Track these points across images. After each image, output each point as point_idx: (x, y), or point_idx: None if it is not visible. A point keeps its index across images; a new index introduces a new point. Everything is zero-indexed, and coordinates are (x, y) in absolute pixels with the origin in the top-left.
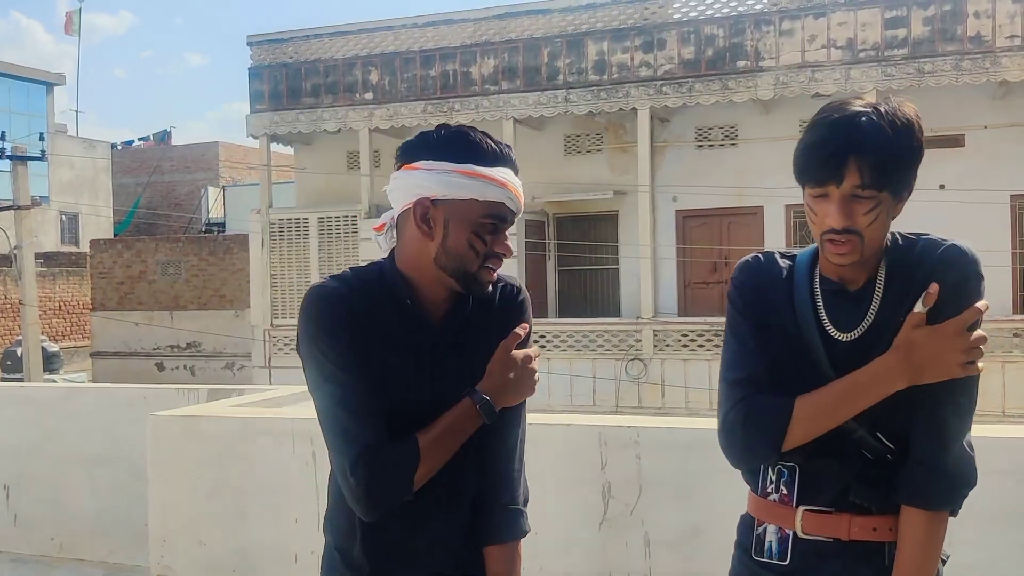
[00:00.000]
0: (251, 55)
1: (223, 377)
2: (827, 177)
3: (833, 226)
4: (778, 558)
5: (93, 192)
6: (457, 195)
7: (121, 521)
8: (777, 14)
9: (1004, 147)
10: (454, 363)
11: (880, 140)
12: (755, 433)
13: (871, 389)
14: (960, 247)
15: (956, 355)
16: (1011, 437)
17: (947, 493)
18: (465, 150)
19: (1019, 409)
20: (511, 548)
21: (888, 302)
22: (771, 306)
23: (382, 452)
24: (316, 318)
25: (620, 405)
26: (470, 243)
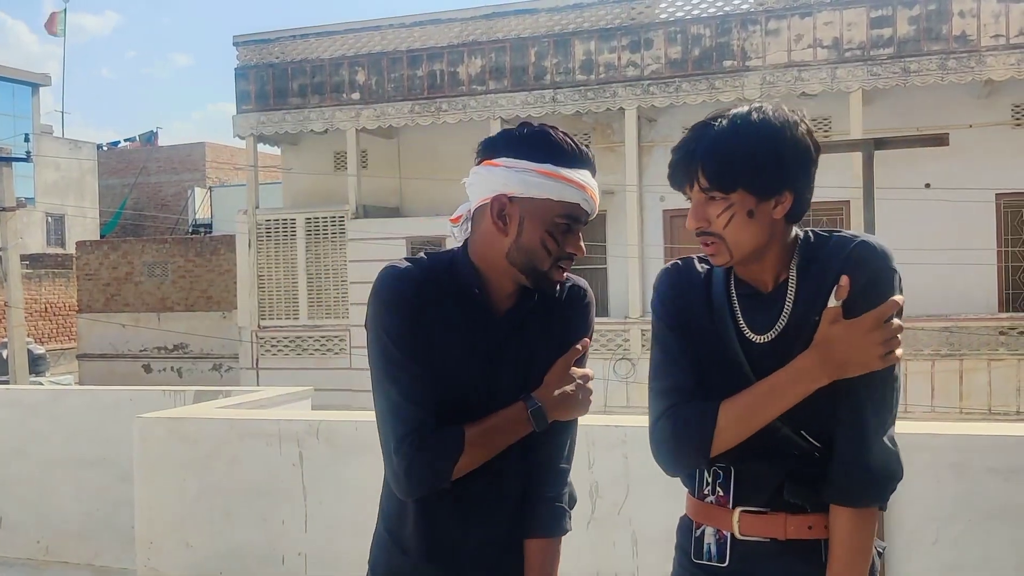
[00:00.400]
0: (237, 55)
1: (210, 379)
2: (678, 183)
3: (688, 228)
4: (717, 560)
5: (79, 193)
6: (535, 194)
7: (108, 524)
8: (763, 14)
9: (989, 146)
10: (512, 356)
11: (720, 145)
12: (683, 442)
13: (793, 388)
14: (870, 243)
15: (875, 347)
16: (999, 435)
17: (872, 489)
18: (546, 150)
19: (1005, 407)
20: (551, 543)
21: (801, 301)
22: (691, 312)
23: (428, 436)
24: (383, 296)
25: (608, 405)
26: (543, 242)
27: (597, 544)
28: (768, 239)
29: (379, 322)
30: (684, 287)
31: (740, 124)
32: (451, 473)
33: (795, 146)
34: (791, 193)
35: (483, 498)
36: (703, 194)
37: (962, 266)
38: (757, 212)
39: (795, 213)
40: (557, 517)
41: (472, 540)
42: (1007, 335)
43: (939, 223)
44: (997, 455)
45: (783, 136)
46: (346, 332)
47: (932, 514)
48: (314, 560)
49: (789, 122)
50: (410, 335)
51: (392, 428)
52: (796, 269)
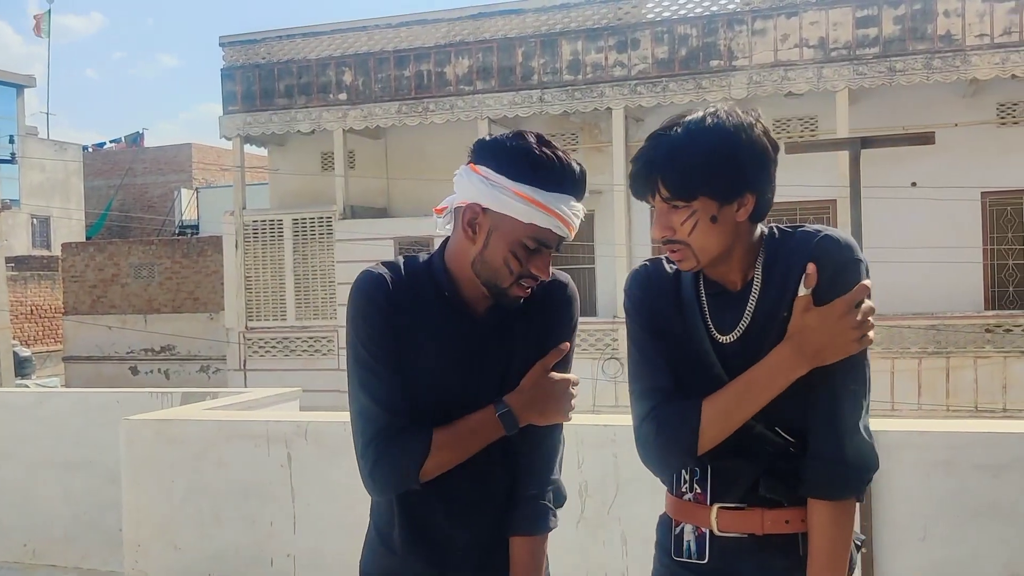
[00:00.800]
0: (223, 56)
1: (198, 380)
2: (640, 193)
3: (653, 237)
4: (697, 557)
5: (65, 195)
6: (506, 211)
7: (95, 526)
8: (750, 14)
9: (975, 144)
10: (491, 357)
11: (677, 154)
12: (669, 442)
13: (771, 381)
14: (833, 236)
15: (850, 331)
16: (986, 432)
17: (848, 482)
18: (528, 169)
19: (991, 404)
20: (535, 541)
21: (768, 297)
22: (661, 313)
23: (394, 438)
24: (356, 302)
25: (597, 404)
26: (506, 260)
27: (586, 543)
28: (733, 240)
29: (353, 328)
30: (654, 289)
31: (695, 131)
32: (417, 474)
33: (751, 148)
34: (752, 194)
35: (468, 497)
36: (665, 204)
37: (948, 264)
38: (720, 216)
39: (758, 213)
40: (540, 515)
41: (458, 539)
42: (993, 332)
43: (925, 221)
44: (984, 452)
45: (738, 139)
46: (334, 333)
47: (920, 511)
48: (303, 561)
49: (743, 124)
50: (381, 340)
51: (361, 430)
52: (762, 267)
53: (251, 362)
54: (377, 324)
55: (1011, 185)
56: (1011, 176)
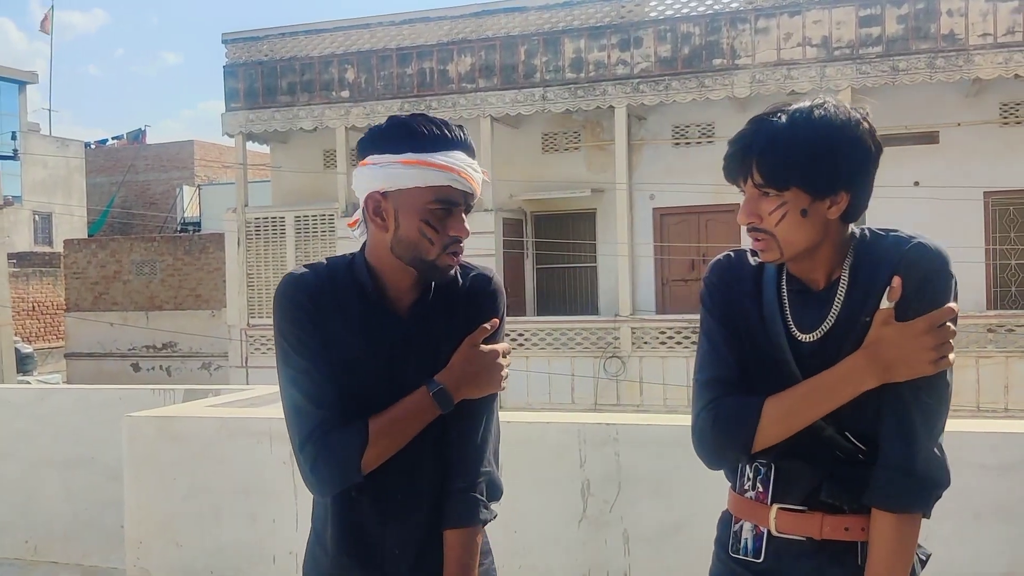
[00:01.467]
0: (226, 53)
1: (199, 377)
2: (732, 176)
3: (739, 222)
4: (752, 555)
5: (67, 192)
6: (402, 185)
7: (96, 523)
8: (753, 12)
9: (977, 144)
10: (417, 352)
11: (777, 141)
12: (725, 435)
13: (839, 389)
14: (926, 244)
15: (926, 352)
16: (989, 431)
17: (916, 496)
18: (405, 139)
19: (993, 404)
20: (466, 534)
21: (852, 300)
22: (739, 306)
23: (330, 432)
24: (280, 304)
25: (599, 403)
26: (421, 231)
27: (588, 542)
28: (821, 238)
29: (278, 328)
30: (734, 280)
31: (799, 121)
32: (358, 466)
33: (854, 146)
34: (847, 194)
35: (398, 494)
36: (756, 189)
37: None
38: (811, 211)
39: (851, 213)
40: (470, 507)
41: (390, 536)
42: (995, 332)
43: (928, 221)
44: (987, 452)
45: (842, 135)
46: None
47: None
48: None
49: (850, 121)
50: (308, 339)
51: (296, 429)
52: (848, 268)
53: (253, 359)
54: (302, 322)
55: (1014, 185)
56: (1014, 176)
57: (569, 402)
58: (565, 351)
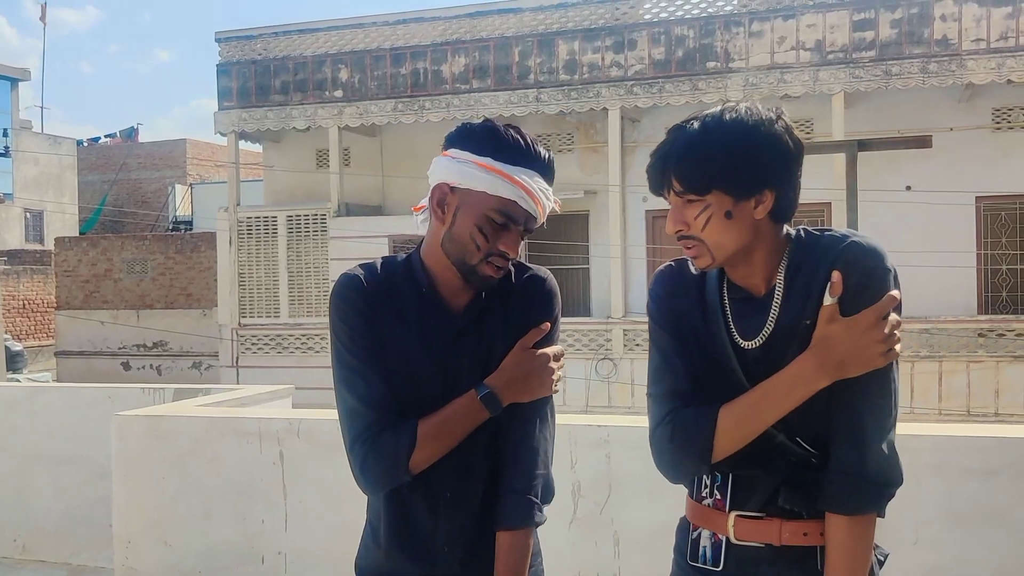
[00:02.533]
0: (219, 51)
1: (190, 377)
2: (655, 187)
3: (667, 232)
4: (712, 564)
5: (59, 189)
6: (471, 185)
7: (85, 522)
8: (747, 15)
9: (970, 149)
10: (469, 352)
11: (691, 147)
12: (682, 448)
13: (791, 392)
14: (861, 242)
15: (876, 344)
16: (977, 436)
17: (869, 497)
18: (491, 144)
19: (984, 408)
20: (520, 535)
21: (792, 303)
22: (685, 315)
23: (380, 434)
24: (335, 305)
25: (590, 405)
26: (472, 235)
27: (579, 543)
28: (752, 239)
29: (333, 330)
30: (678, 289)
31: (711, 125)
32: (406, 467)
33: (770, 143)
34: (771, 192)
35: (452, 492)
36: (679, 197)
37: (942, 268)
38: (735, 212)
39: (780, 212)
40: (524, 509)
41: (441, 533)
42: (986, 337)
43: (920, 225)
44: (976, 456)
45: (756, 134)
46: (327, 330)
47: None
48: (294, 559)
49: (763, 119)
50: (362, 340)
51: (348, 429)
52: (784, 271)
53: (244, 359)
54: (356, 324)
55: (1006, 190)
56: (1006, 181)
57: (560, 404)
58: None
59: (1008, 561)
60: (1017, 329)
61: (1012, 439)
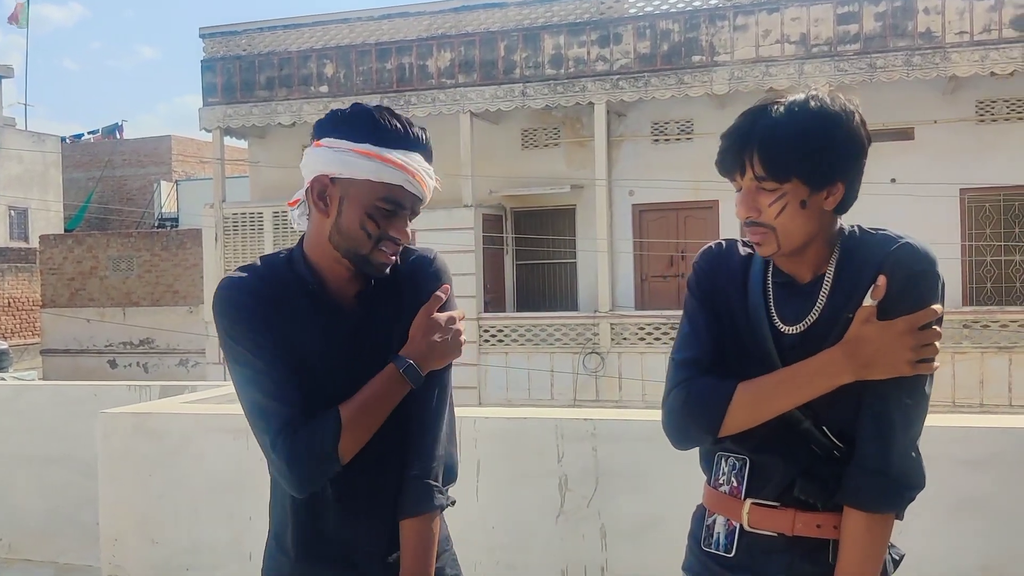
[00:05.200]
0: (204, 47)
1: (177, 374)
2: (728, 169)
3: (738, 217)
4: (724, 550)
5: (43, 187)
6: (354, 174)
7: (71, 520)
8: (731, 9)
9: (954, 141)
10: (369, 341)
11: (777, 132)
12: (693, 415)
13: (813, 381)
14: (914, 244)
15: (905, 352)
16: (963, 426)
17: (890, 496)
18: (367, 129)
19: (969, 400)
20: (421, 522)
21: (837, 296)
22: (725, 294)
23: (302, 428)
24: (223, 310)
25: (578, 398)
26: (362, 224)
27: (566, 537)
28: (817, 231)
29: (226, 334)
30: (722, 268)
31: (797, 112)
32: (336, 455)
33: (850, 136)
34: (843, 184)
35: (364, 490)
36: (755, 182)
37: None
38: (810, 203)
39: (844, 204)
40: (423, 494)
41: (361, 534)
42: (971, 328)
43: (904, 218)
44: (962, 447)
45: (840, 125)
46: None
47: None
48: None
49: (846, 111)
50: (258, 337)
51: (264, 430)
52: (835, 264)
53: None
54: (250, 323)
55: (989, 182)
56: (989, 173)
57: (548, 398)
58: (544, 347)
59: (994, 551)
60: (1002, 320)
61: (997, 429)
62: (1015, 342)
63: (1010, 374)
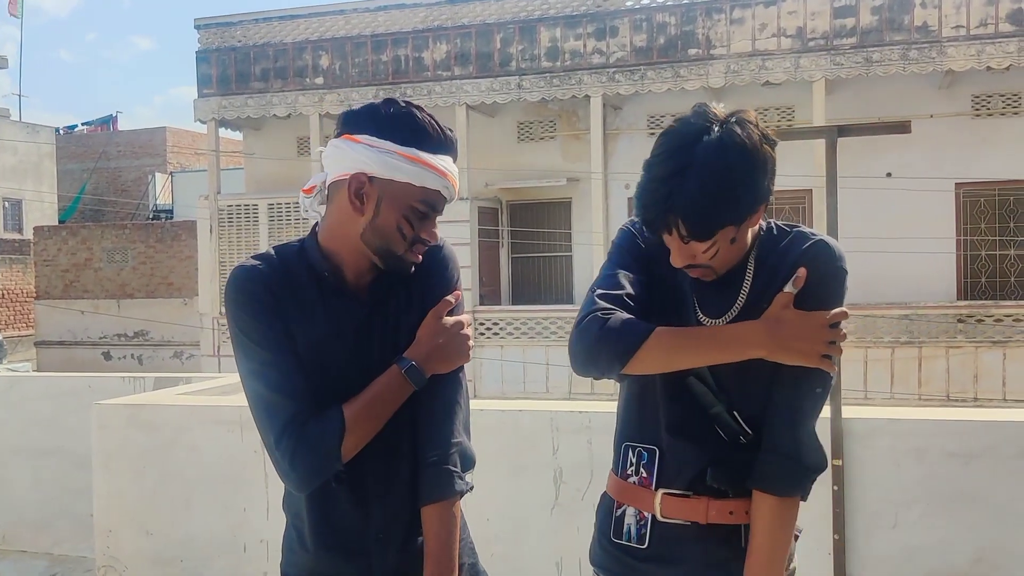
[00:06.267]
0: (199, 38)
1: (171, 366)
2: (654, 232)
3: (674, 265)
4: (636, 542)
5: (37, 178)
6: (396, 176)
7: (66, 512)
8: (728, 2)
9: (949, 136)
10: (379, 333)
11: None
12: (607, 341)
13: (729, 345)
14: (827, 243)
15: (818, 344)
16: (957, 420)
17: (798, 480)
18: (411, 132)
19: (963, 393)
20: (443, 508)
21: (755, 290)
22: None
23: (306, 424)
24: (234, 298)
25: (573, 392)
26: (399, 226)
27: (561, 529)
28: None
29: (235, 324)
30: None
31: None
32: (339, 455)
33: (761, 167)
34: (765, 204)
35: (378, 478)
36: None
37: (922, 254)
38: (739, 235)
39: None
40: (444, 479)
41: (373, 524)
42: (965, 323)
43: (900, 212)
44: (955, 440)
45: (749, 164)
46: None
47: (892, 498)
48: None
49: (750, 140)
50: (268, 329)
51: (268, 425)
52: (755, 260)
53: (225, 348)
54: (261, 316)
55: (985, 177)
56: (985, 168)
57: (544, 391)
58: (540, 340)
59: (987, 543)
60: (996, 315)
61: (990, 423)
62: (1009, 336)
63: (1004, 368)
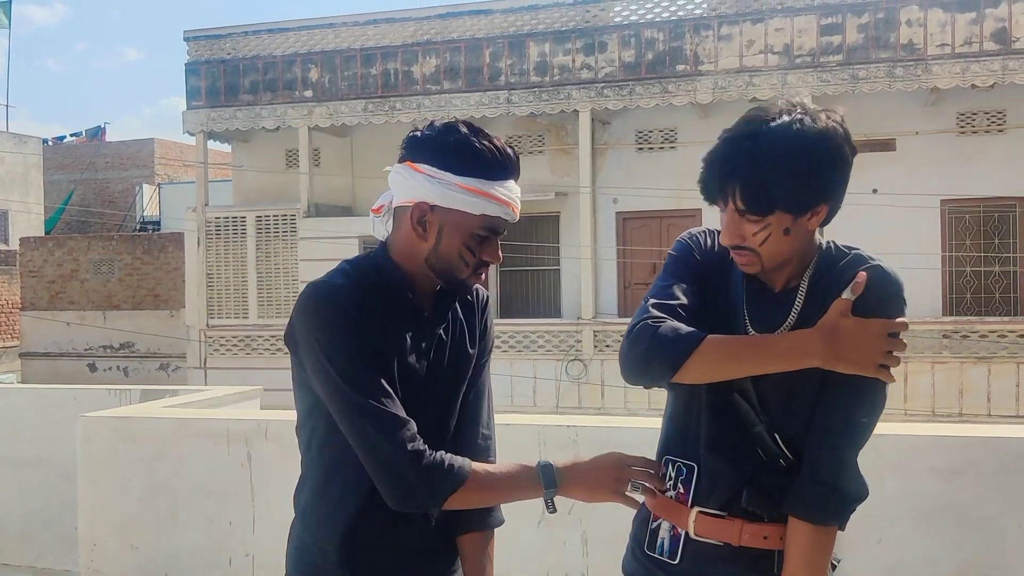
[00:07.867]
0: (188, 50)
1: (157, 378)
2: (711, 198)
3: (723, 243)
4: (668, 556)
5: (24, 188)
6: (456, 206)
7: (50, 525)
8: (716, 19)
9: (935, 152)
10: (438, 354)
11: (758, 167)
12: (657, 348)
13: (783, 354)
14: (885, 268)
15: (875, 354)
16: (941, 435)
17: (837, 509)
18: (471, 162)
19: (948, 409)
20: (483, 536)
21: (809, 308)
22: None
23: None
24: (325, 316)
25: (560, 405)
26: (460, 253)
27: (547, 543)
28: (799, 248)
29: (327, 348)
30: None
31: (779, 141)
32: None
33: (833, 158)
34: (827, 205)
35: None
36: (736, 213)
37: (907, 270)
38: (793, 228)
39: (827, 221)
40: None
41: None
42: (950, 338)
43: (885, 228)
44: (939, 455)
45: (822, 150)
46: None
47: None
48: (261, 562)
49: (827, 131)
50: (364, 346)
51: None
52: (809, 278)
53: (212, 360)
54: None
55: (970, 193)
56: (970, 184)
57: (531, 405)
58: (528, 354)
59: (971, 558)
60: (981, 331)
61: (975, 438)
62: (994, 352)
63: (989, 384)
